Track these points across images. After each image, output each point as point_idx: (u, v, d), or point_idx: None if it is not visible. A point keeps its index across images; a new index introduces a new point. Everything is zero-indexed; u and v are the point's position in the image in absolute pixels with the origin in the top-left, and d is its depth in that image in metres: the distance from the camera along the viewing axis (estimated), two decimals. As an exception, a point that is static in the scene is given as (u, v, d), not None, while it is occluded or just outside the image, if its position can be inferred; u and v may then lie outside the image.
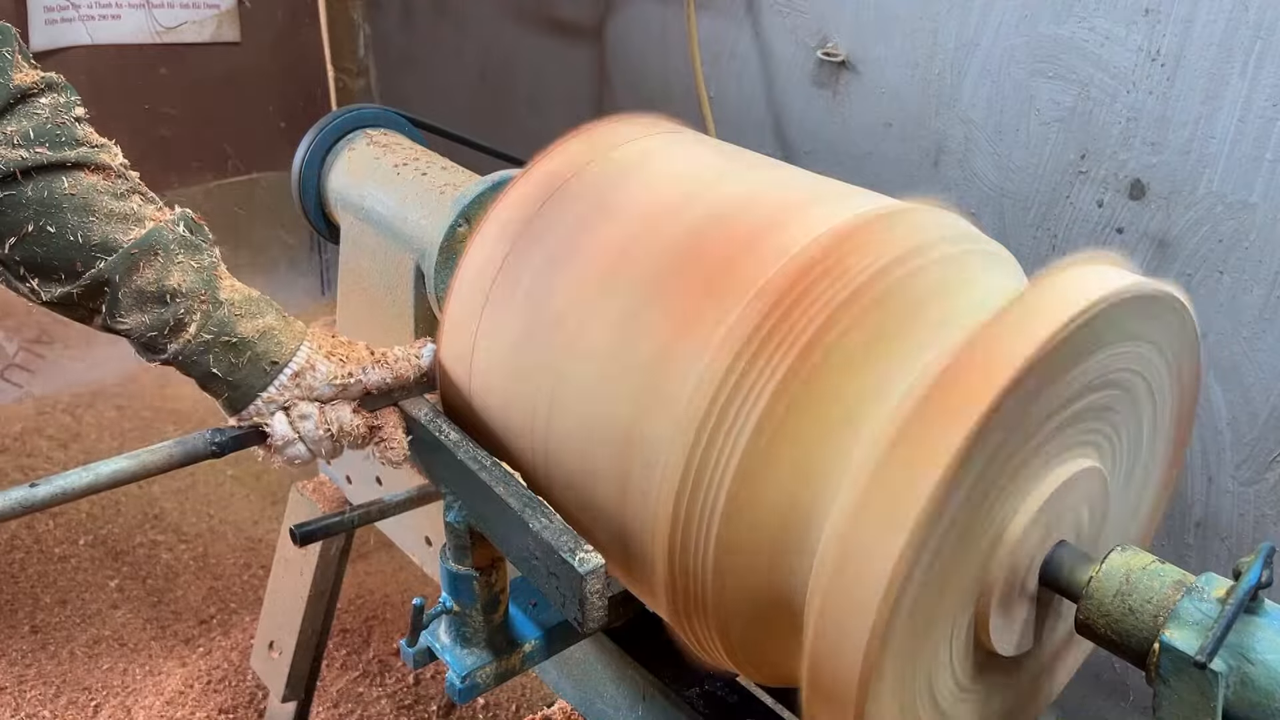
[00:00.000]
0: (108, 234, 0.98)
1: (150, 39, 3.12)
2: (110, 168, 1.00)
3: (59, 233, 0.96)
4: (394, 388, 1.11)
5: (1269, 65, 1.38)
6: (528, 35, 2.73)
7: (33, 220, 0.95)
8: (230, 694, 2.27)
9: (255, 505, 2.87)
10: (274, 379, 1.03)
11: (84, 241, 0.97)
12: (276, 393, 1.04)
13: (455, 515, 1.11)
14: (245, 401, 1.04)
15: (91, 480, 0.98)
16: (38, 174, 0.96)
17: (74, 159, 0.97)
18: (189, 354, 1.01)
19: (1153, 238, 1.56)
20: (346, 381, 1.07)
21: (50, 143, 0.96)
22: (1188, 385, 0.98)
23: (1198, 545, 1.65)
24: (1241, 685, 0.75)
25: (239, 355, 1.02)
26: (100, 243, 0.97)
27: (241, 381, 1.03)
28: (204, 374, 1.02)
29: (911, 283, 0.89)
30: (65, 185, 0.97)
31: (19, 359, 3.20)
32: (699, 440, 0.86)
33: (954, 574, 0.80)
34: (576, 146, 1.11)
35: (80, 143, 0.99)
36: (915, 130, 1.85)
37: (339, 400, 1.07)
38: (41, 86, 0.97)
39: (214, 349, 1.01)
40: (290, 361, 1.04)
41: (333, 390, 1.06)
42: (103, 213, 0.98)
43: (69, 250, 0.97)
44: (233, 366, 1.02)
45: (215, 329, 1.01)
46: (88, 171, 0.99)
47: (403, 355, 1.11)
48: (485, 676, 1.16)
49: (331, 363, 1.06)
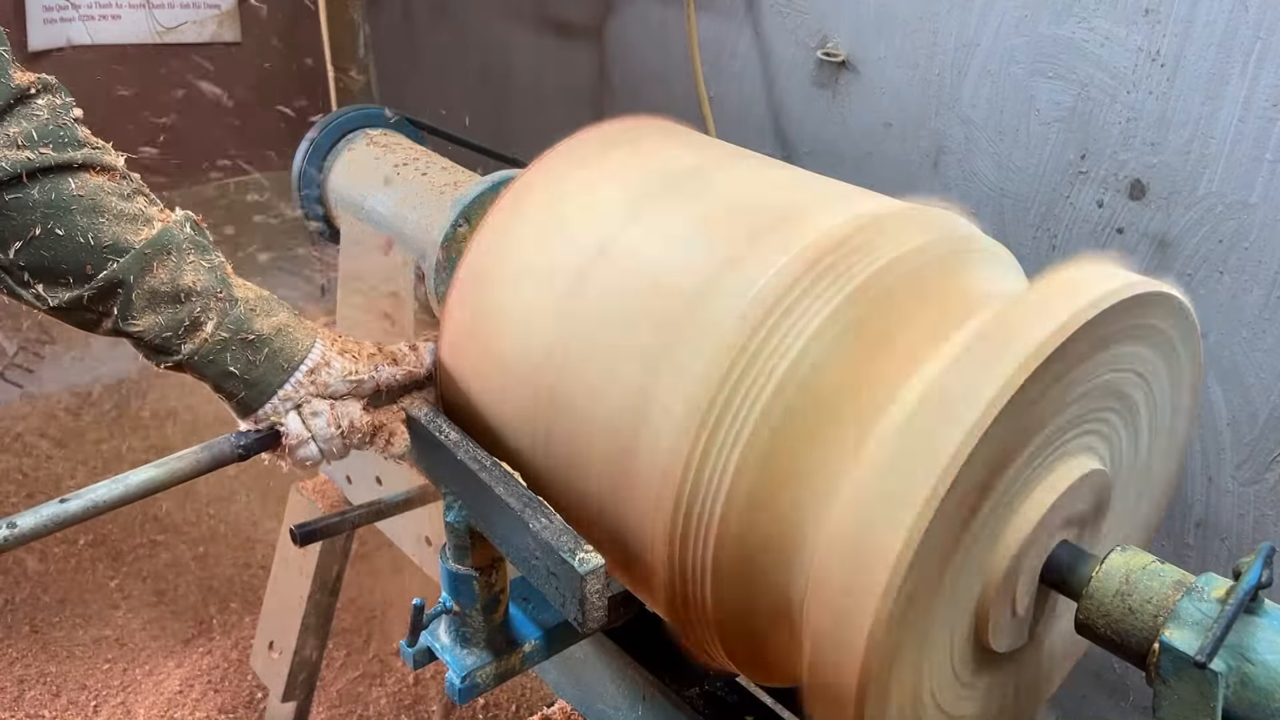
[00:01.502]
0: (118, 235, 0.96)
1: (150, 39, 3.11)
2: (115, 168, 0.98)
3: (68, 235, 0.94)
4: (404, 385, 1.11)
5: (1269, 65, 1.38)
6: (528, 35, 2.73)
7: (40, 223, 0.93)
8: (230, 694, 2.27)
9: (255, 505, 2.87)
10: (290, 376, 1.03)
11: (95, 243, 0.95)
12: (293, 389, 1.03)
13: (455, 515, 1.11)
14: (261, 400, 1.03)
15: (122, 491, 0.97)
16: (44, 175, 0.93)
17: (80, 160, 0.95)
18: (205, 353, 0.99)
19: (1153, 238, 1.56)
20: (360, 378, 1.06)
21: (54, 143, 0.94)
22: (1188, 385, 0.98)
23: (1198, 545, 1.65)
24: (1241, 685, 0.75)
25: (256, 352, 1.01)
26: (111, 244, 0.95)
27: (259, 379, 1.02)
28: (220, 373, 1.01)
29: (911, 283, 0.89)
30: (73, 186, 0.94)
31: (19, 359, 3.20)
32: (698, 441, 0.86)
33: (955, 573, 0.80)
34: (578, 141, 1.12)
35: (83, 143, 0.97)
36: (915, 130, 1.85)
37: (349, 398, 1.07)
38: (39, 87, 0.95)
39: (231, 347, 1.00)
40: (306, 358, 1.03)
41: (347, 386, 1.06)
42: (112, 213, 0.96)
43: (79, 252, 0.94)
44: (250, 364, 1.01)
45: (233, 327, 1.00)
46: (94, 172, 0.96)
47: (409, 353, 1.12)
48: (485, 676, 1.16)
49: (345, 359, 1.06)
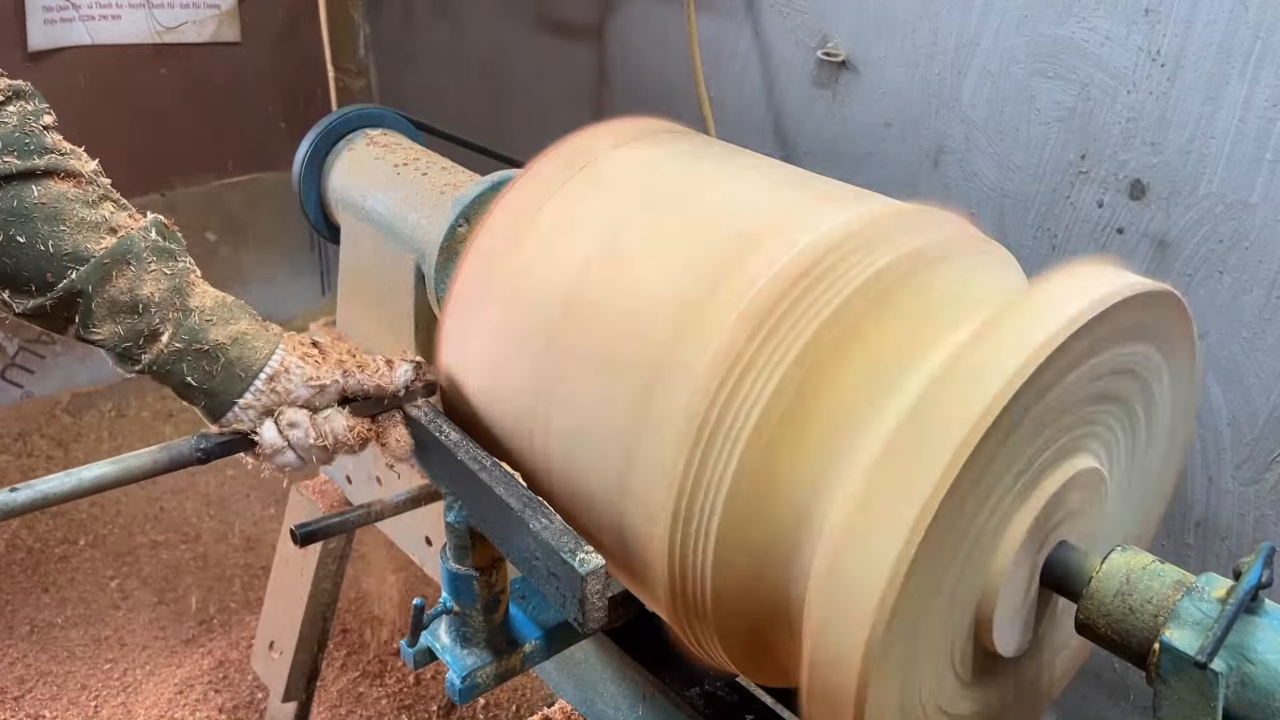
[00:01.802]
0: (79, 243, 0.95)
1: (150, 39, 3.11)
2: (81, 175, 0.98)
3: (29, 243, 0.93)
4: (373, 394, 1.08)
5: (1269, 65, 1.38)
6: (528, 35, 2.73)
7: (2, 230, 0.93)
8: (230, 694, 2.27)
9: (255, 505, 2.87)
10: (249, 385, 1.01)
11: (55, 251, 0.94)
12: (254, 398, 1.01)
13: (455, 515, 1.11)
14: (223, 409, 1.02)
15: (74, 485, 0.96)
16: (7, 183, 0.93)
17: (43, 167, 0.95)
18: (163, 364, 0.99)
19: (1153, 238, 1.56)
20: (323, 383, 1.04)
21: (19, 151, 0.93)
22: (1187, 385, 0.98)
23: (1198, 545, 1.65)
24: (1241, 685, 0.75)
25: (213, 363, 1.00)
26: (71, 252, 0.95)
27: (217, 389, 1.00)
28: (179, 383, 1.00)
29: (910, 285, 0.89)
30: (35, 194, 0.94)
31: (19, 359, 3.20)
32: (699, 441, 0.86)
33: (954, 575, 0.80)
34: (574, 144, 1.12)
35: (49, 150, 0.96)
36: (915, 130, 1.85)
37: (333, 409, 1.05)
38: (9, 95, 0.95)
39: (186, 357, 0.99)
40: (265, 366, 1.02)
41: (309, 391, 1.04)
42: (73, 221, 0.95)
43: (39, 260, 0.94)
44: (207, 374, 1.00)
45: (187, 337, 0.99)
46: (57, 179, 0.96)
47: (383, 366, 1.09)
48: (485, 676, 1.16)
49: (307, 364, 1.04)
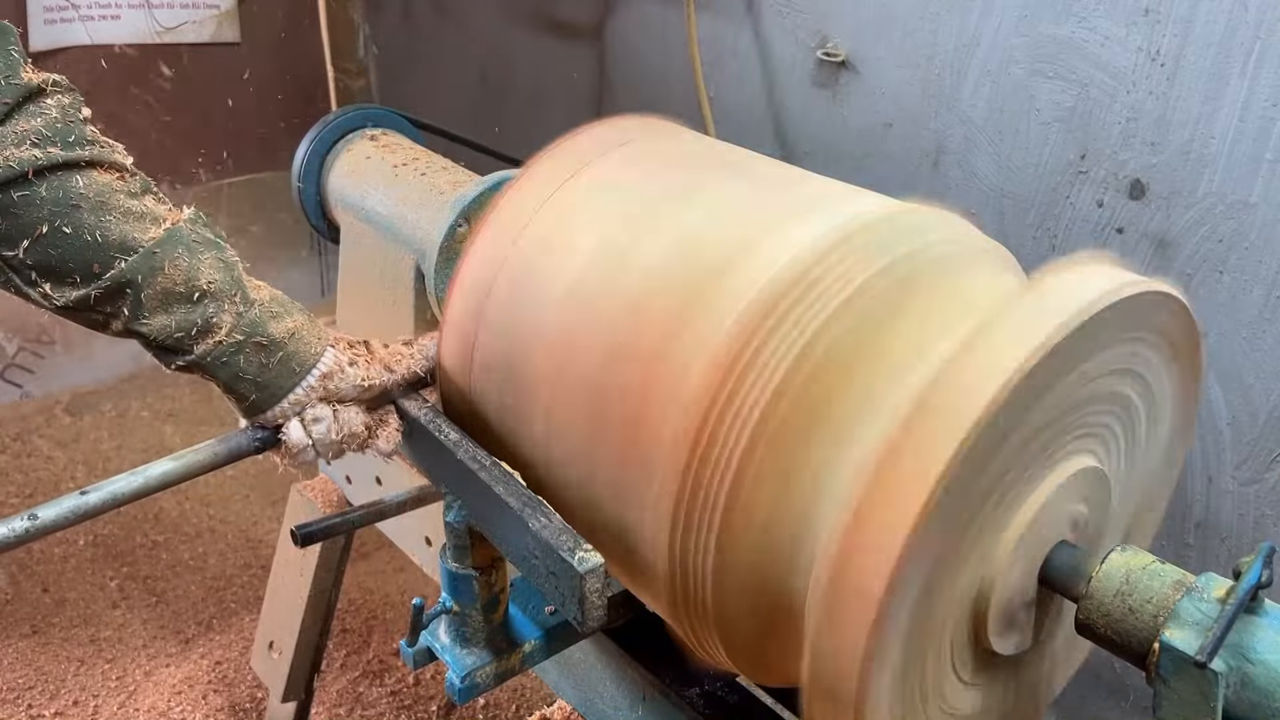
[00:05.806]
0: (126, 233, 0.94)
1: (150, 39, 3.11)
2: (124, 167, 0.97)
3: (75, 233, 0.92)
4: (406, 385, 1.11)
5: (1269, 65, 1.38)
6: (528, 35, 2.73)
7: (47, 221, 0.92)
8: (230, 694, 2.27)
9: (255, 505, 2.87)
10: (302, 380, 1.01)
11: (103, 241, 0.93)
12: (303, 394, 1.01)
13: (455, 515, 1.11)
14: (271, 403, 1.01)
15: (141, 484, 0.97)
16: (51, 173, 0.92)
17: (88, 158, 0.94)
18: (219, 355, 0.98)
19: (1153, 238, 1.56)
20: (372, 383, 1.05)
21: (62, 142, 0.93)
22: (1188, 385, 0.98)
23: (1198, 545, 1.65)
24: (1241, 685, 0.75)
25: (270, 356, 0.99)
26: (119, 242, 0.94)
27: (270, 382, 1.00)
28: (231, 376, 0.99)
29: (910, 284, 0.89)
30: (80, 184, 0.93)
31: (19, 359, 3.20)
32: (699, 440, 0.86)
33: (954, 574, 0.80)
34: (574, 144, 1.12)
35: (92, 142, 0.96)
36: (915, 130, 1.85)
37: (352, 404, 1.06)
38: (50, 86, 0.94)
39: (245, 350, 0.98)
40: (319, 363, 1.02)
41: (356, 392, 1.05)
42: (120, 211, 0.94)
43: (86, 251, 0.93)
44: (263, 368, 0.99)
45: (248, 329, 0.98)
46: (102, 170, 0.95)
47: (406, 352, 1.11)
48: (485, 676, 1.16)
49: (359, 367, 1.05)
